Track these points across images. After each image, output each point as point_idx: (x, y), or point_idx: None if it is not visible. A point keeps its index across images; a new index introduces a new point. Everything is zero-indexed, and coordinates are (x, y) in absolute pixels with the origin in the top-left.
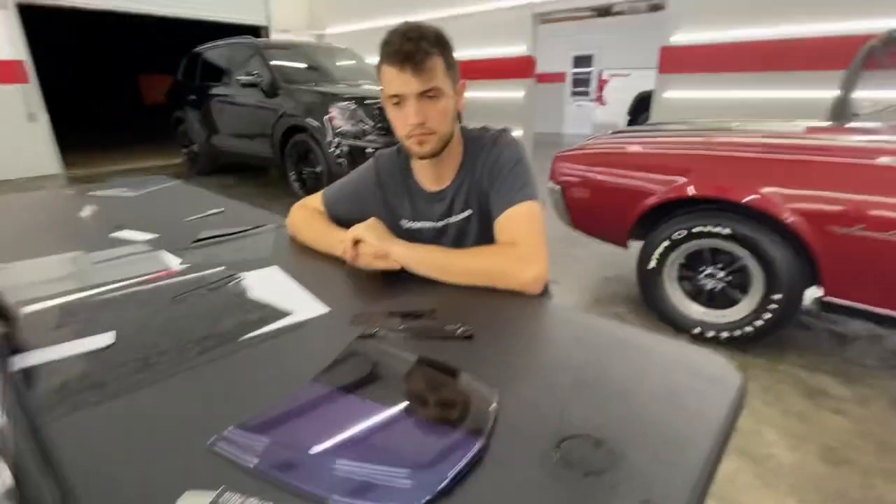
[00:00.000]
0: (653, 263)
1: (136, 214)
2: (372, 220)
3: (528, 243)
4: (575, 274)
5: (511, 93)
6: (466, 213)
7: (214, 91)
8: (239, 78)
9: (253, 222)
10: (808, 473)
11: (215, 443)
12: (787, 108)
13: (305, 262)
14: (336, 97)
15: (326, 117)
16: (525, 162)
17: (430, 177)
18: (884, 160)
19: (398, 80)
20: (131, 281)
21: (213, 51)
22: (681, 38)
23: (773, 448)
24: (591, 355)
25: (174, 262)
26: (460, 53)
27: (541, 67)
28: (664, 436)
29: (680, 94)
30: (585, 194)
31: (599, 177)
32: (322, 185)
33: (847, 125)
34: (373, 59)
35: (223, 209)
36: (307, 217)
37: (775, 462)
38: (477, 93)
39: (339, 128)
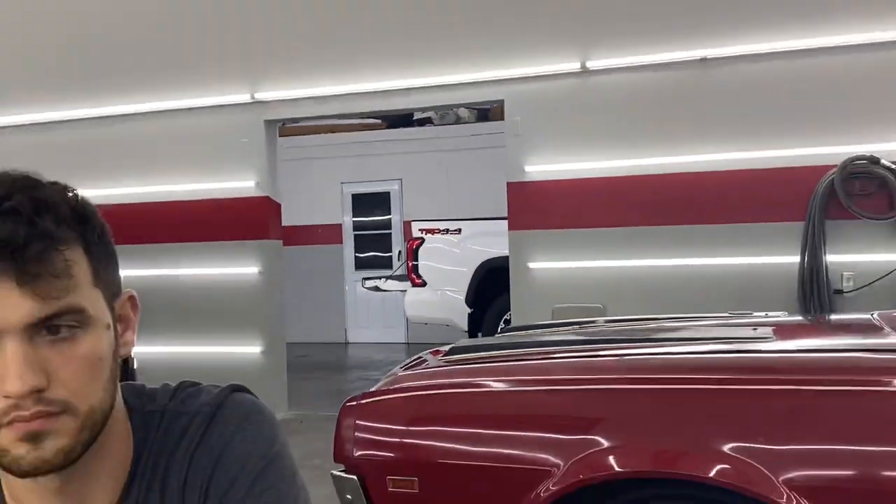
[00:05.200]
0: None
1: None
2: None
3: None
4: None
5: (235, 267)
6: None
7: None
8: None
9: None
10: None
11: None
12: (723, 284)
13: None
14: None
15: None
16: (281, 459)
17: None
18: None
19: None
20: None
21: None
22: (536, 168)
23: None
24: None
25: None
26: (132, 191)
27: (293, 217)
28: None
29: (551, 264)
30: (412, 487)
31: (436, 444)
32: None
33: (831, 318)
34: None
35: None
36: None
37: None
38: (167, 270)
39: None
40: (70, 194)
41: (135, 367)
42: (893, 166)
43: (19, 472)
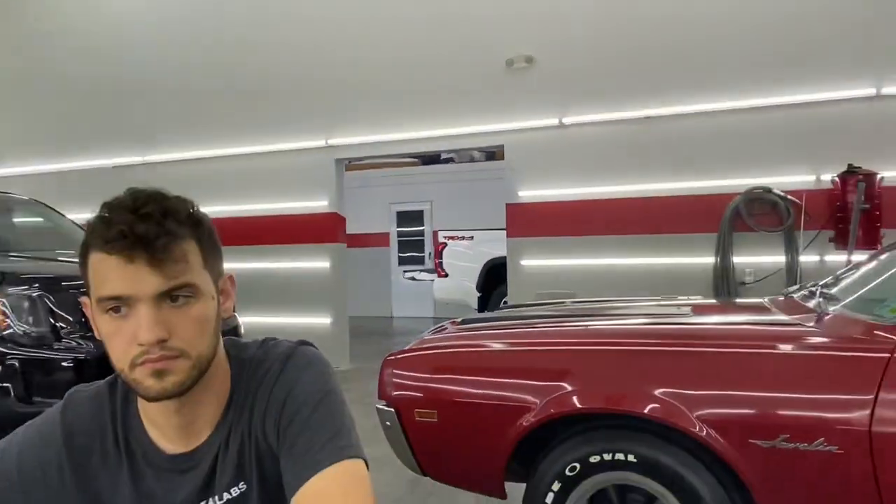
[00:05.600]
0: None
1: None
2: None
3: None
4: None
5: (311, 262)
6: (240, 490)
7: None
8: None
9: None
10: None
11: None
12: (661, 277)
13: None
14: (6, 277)
15: None
16: (334, 394)
17: (172, 430)
18: (786, 348)
19: (122, 277)
20: None
21: None
22: (527, 193)
23: None
24: None
25: None
26: (234, 209)
27: (354, 227)
28: None
29: (538, 262)
30: (432, 418)
31: (450, 388)
32: None
33: (735, 301)
34: (73, 213)
35: None
36: None
37: None
38: (262, 264)
39: (8, 329)
40: (188, 204)
41: (241, 332)
42: (781, 194)
43: (148, 397)
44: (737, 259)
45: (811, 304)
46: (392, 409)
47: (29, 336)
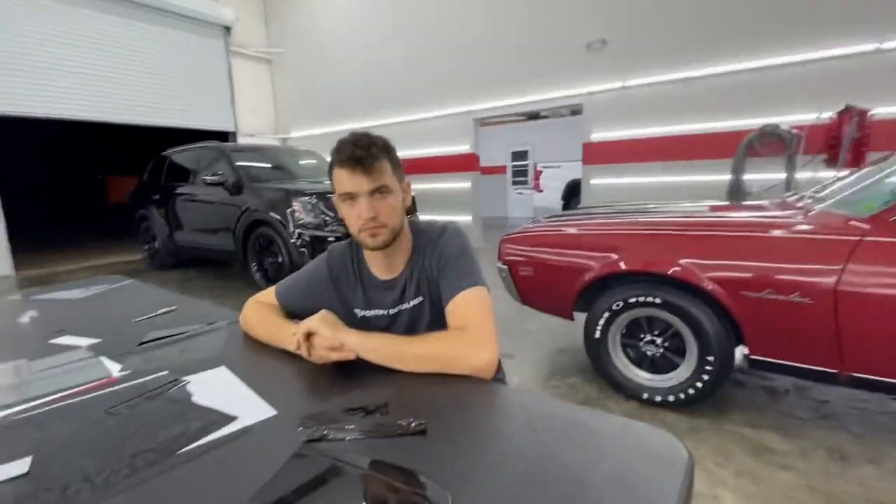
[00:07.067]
0: (597, 334)
1: (81, 317)
2: (324, 312)
3: (478, 328)
4: (529, 347)
5: (459, 184)
6: (418, 300)
7: (179, 190)
8: (204, 178)
9: (205, 319)
10: None
11: None
12: (688, 189)
13: (256, 360)
14: (298, 192)
15: (289, 210)
16: (470, 252)
17: (382, 266)
18: (776, 233)
19: (351, 181)
20: (63, 394)
21: (180, 154)
22: (597, 135)
23: None
24: (543, 444)
25: (115, 368)
26: (414, 152)
27: (484, 162)
28: None
29: (603, 181)
30: (530, 272)
31: (541, 256)
32: (284, 273)
33: (743, 203)
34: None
35: (176, 307)
36: (259, 312)
37: None
38: (432, 184)
39: (301, 220)
40: (383, 139)
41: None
42: (787, 128)
43: (368, 248)
44: (746, 177)
45: (801, 204)
46: (506, 267)
47: (312, 224)
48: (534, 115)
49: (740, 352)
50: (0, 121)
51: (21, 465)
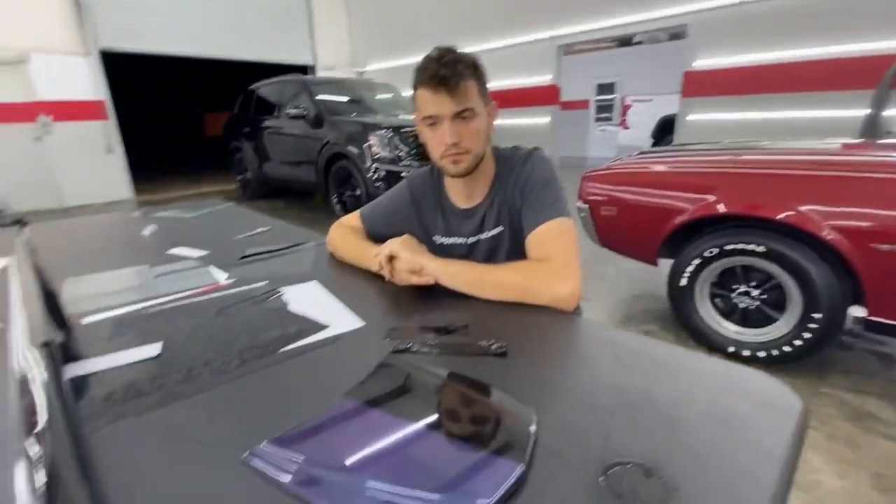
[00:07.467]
0: (684, 281)
1: (191, 233)
2: (406, 237)
3: (562, 259)
4: (604, 291)
5: (538, 119)
6: (498, 230)
7: (266, 124)
8: (288, 111)
9: (296, 240)
10: (859, 502)
11: (249, 458)
12: (810, 127)
13: (343, 277)
14: (375, 127)
15: (366, 145)
16: (556, 180)
17: (462, 194)
18: None
19: (434, 102)
20: (182, 294)
21: (266, 87)
22: (702, 63)
23: (821, 475)
24: (632, 375)
25: (222, 276)
26: (491, 84)
27: (565, 96)
28: (721, 467)
29: (704, 116)
30: (613, 213)
31: (627, 196)
32: (362, 206)
33: (881, 142)
34: (409, 92)
35: (269, 228)
36: (345, 234)
37: (824, 490)
38: (506, 120)
39: (378, 154)
40: (471, 57)
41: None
42: None
43: (449, 174)
44: (889, 112)
45: None
46: (587, 206)
47: (387, 158)
48: (625, 41)
49: (852, 312)
50: (112, 57)
51: (155, 349)
